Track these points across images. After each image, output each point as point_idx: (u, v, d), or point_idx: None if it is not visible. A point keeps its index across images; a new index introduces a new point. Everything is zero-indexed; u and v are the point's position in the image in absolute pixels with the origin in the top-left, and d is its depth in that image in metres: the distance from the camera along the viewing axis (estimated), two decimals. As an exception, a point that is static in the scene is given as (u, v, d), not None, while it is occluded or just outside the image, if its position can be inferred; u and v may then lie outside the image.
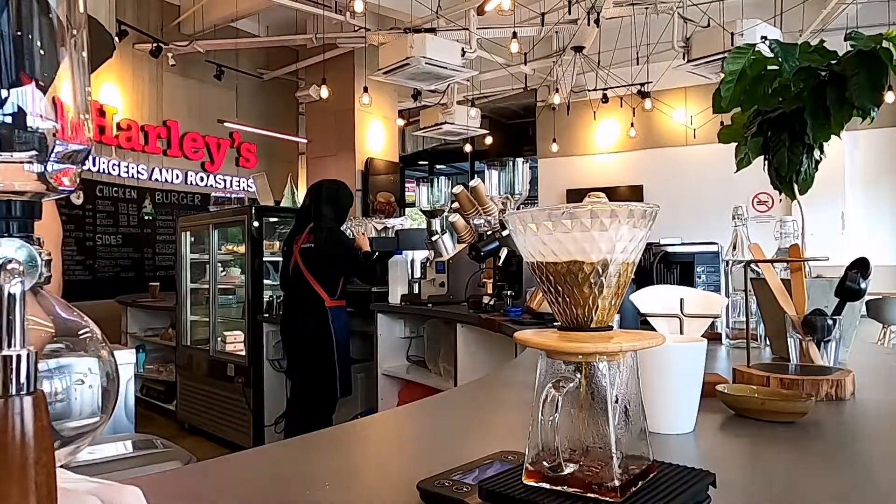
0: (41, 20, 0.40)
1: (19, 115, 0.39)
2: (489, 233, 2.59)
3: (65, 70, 0.41)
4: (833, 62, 1.35)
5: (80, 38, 0.42)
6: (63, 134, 0.42)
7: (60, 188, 0.43)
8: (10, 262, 0.40)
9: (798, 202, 1.45)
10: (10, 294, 0.39)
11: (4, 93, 0.38)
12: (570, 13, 6.41)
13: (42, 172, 0.42)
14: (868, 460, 0.75)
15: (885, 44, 1.29)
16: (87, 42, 0.42)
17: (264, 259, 4.52)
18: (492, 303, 2.85)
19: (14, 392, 0.39)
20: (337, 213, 3.78)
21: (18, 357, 0.39)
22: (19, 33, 0.39)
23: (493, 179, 2.59)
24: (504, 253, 2.55)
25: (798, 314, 1.14)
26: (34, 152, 0.41)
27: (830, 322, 1.09)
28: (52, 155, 0.42)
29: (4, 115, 0.39)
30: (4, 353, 0.39)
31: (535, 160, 9.20)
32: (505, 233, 2.40)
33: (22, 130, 0.40)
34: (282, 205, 4.97)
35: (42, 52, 0.40)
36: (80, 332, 0.50)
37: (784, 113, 1.40)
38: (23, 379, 0.39)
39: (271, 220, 4.66)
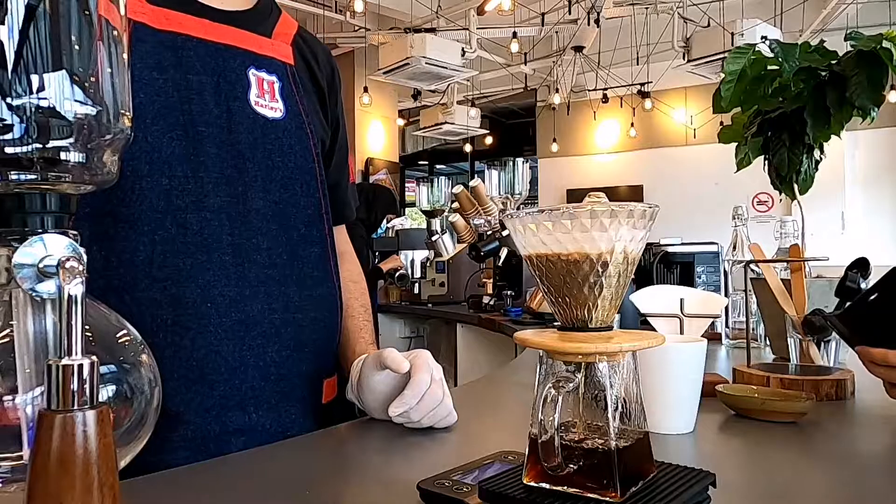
0: (79, 17, 0.39)
1: (55, 101, 0.37)
2: (489, 233, 2.58)
3: (102, 64, 0.40)
4: (833, 62, 1.34)
5: (120, 37, 0.41)
6: (101, 121, 0.40)
7: (99, 177, 0.41)
8: (68, 259, 0.36)
9: (798, 202, 1.45)
10: (70, 296, 0.36)
11: (38, 79, 0.37)
12: (570, 13, 6.40)
13: (81, 161, 0.39)
14: (868, 460, 0.75)
15: (885, 44, 1.29)
16: (127, 43, 0.42)
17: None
18: (492, 303, 2.85)
19: (77, 405, 0.35)
20: (367, 219, 3.67)
21: (80, 366, 0.35)
22: (55, 26, 0.38)
23: (493, 179, 2.59)
24: (504, 253, 2.54)
25: (798, 314, 1.14)
26: (72, 139, 0.39)
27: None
28: (92, 142, 0.40)
29: (41, 99, 0.37)
30: (66, 361, 0.35)
31: (535, 160, 9.18)
32: (505, 233, 2.39)
33: (59, 118, 0.38)
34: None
35: (78, 46, 0.39)
36: (118, 336, 0.47)
37: (784, 113, 1.40)
38: (86, 391, 0.36)
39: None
